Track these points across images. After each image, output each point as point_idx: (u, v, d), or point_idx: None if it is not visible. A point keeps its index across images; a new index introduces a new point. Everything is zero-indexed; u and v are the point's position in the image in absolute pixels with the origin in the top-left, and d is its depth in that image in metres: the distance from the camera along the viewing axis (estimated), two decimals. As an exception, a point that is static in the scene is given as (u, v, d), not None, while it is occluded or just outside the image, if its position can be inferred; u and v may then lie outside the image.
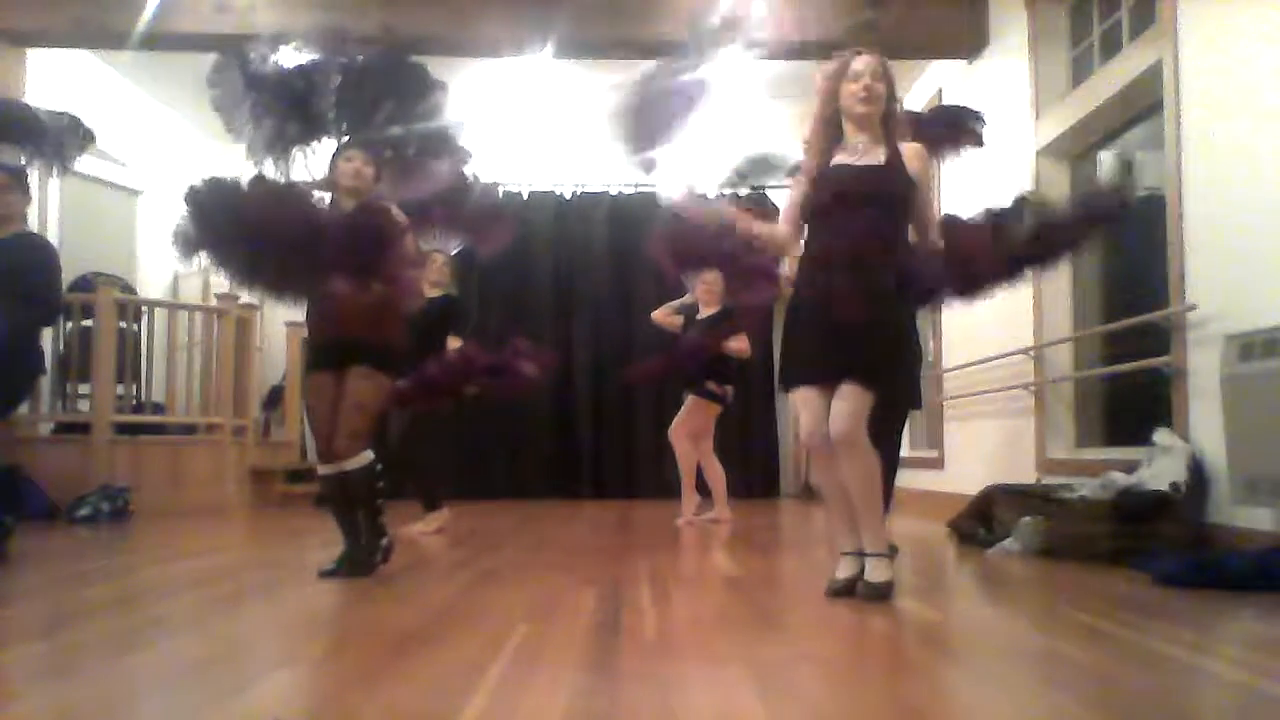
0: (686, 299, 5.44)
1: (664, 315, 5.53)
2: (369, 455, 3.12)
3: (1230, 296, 3.33)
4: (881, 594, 2.53)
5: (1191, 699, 1.69)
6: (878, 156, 2.64)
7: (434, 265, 4.72)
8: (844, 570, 2.65)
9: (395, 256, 2.94)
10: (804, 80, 2.97)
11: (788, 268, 3.76)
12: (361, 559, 3.10)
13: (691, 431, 5.33)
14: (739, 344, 5.15)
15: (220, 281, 7.50)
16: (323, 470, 3.13)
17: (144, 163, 7.23)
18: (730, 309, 5.11)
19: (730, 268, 3.28)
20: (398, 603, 2.62)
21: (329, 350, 3.11)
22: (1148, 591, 2.75)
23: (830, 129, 2.71)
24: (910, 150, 2.69)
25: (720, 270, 3.65)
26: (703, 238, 2.96)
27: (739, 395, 5.90)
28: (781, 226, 2.80)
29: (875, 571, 2.59)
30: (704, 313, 5.36)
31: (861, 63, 2.64)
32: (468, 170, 3.57)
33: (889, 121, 2.68)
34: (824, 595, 2.61)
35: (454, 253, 5.00)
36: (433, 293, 4.72)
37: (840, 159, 2.67)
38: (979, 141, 4.08)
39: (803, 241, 2.78)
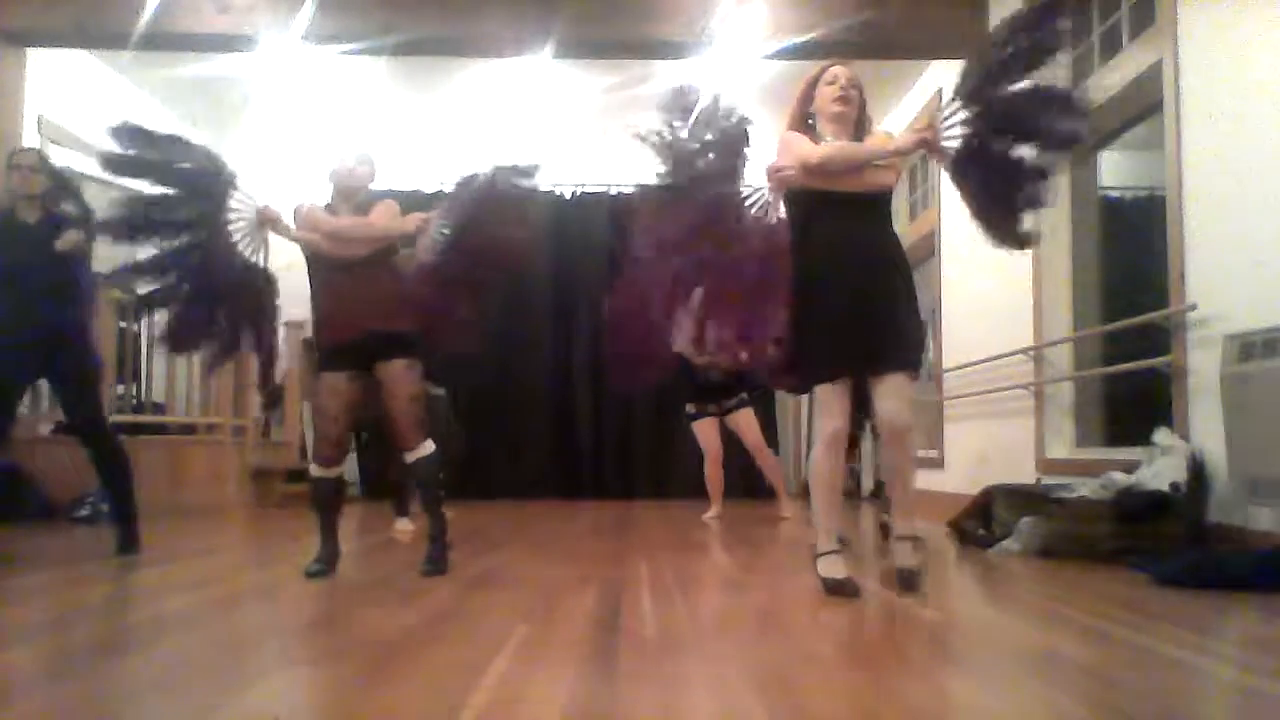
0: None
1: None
2: (432, 444, 3.17)
3: (1230, 296, 3.33)
4: (916, 581, 2.65)
5: (1191, 699, 1.69)
6: None
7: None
8: (839, 569, 2.67)
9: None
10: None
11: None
12: (432, 557, 3.16)
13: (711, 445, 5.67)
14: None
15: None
16: (318, 472, 3.14)
17: (144, 163, 7.22)
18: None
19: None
20: (397, 602, 2.62)
21: (352, 351, 3.10)
22: (1148, 591, 2.75)
23: (803, 129, 2.81)
24: (878, 136, 2.82)
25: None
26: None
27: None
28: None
29: (908, 557, 2.70)
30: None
31: (838, 69, 2.81)
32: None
33: (861, 129, 2.82)
34: (825, 596, 2.61)
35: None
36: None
37: None
38: None
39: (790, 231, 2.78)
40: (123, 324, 6.16)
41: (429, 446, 3.16)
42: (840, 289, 2.64)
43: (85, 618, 2.40)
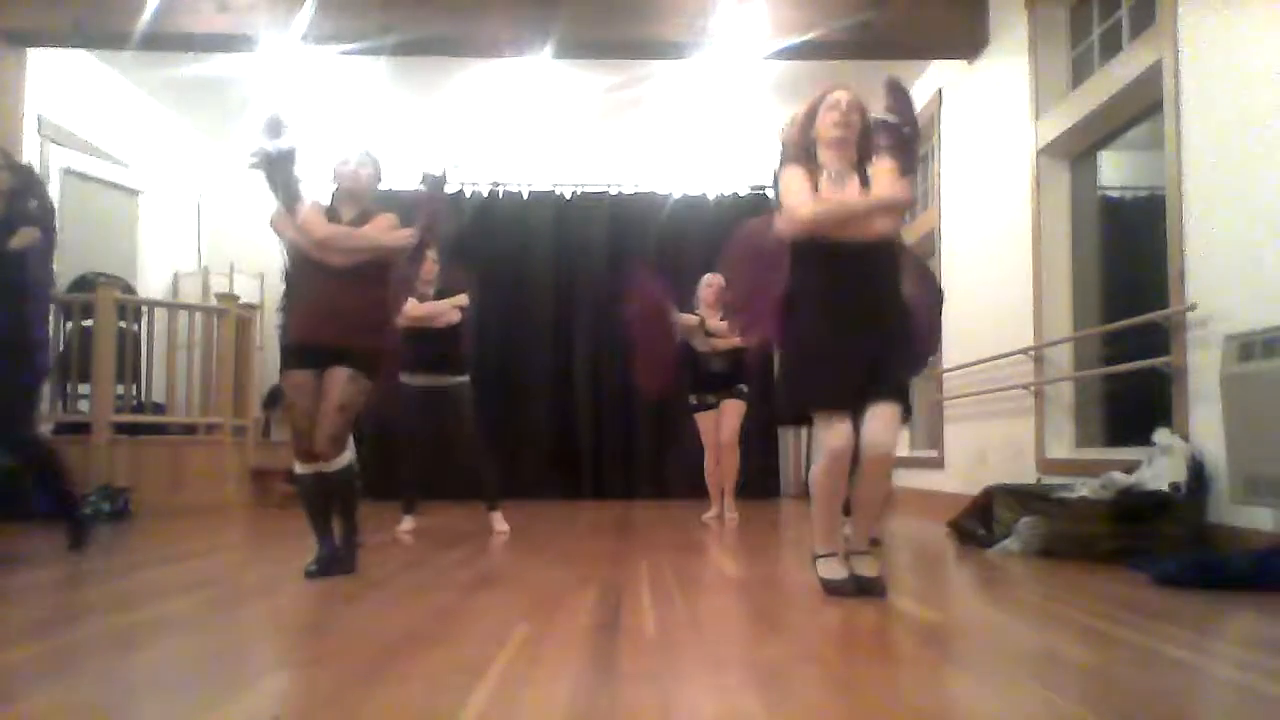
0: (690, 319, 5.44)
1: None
2: (350, 456, 3.15)
3: (1230, 296, 3.33)
4: (884, 589, 2.66)
5: (1191, 699, 1.69)
6: (853, 185, 2.72)
7: (427, 266, 4.69)
8: (838, 570, 2.68)
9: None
10: (803, 80, 2.98)
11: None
12: (343, 558, 3.14)
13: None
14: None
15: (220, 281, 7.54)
16: (300, 470, 3.15)
17: (144, 163, 7.23)
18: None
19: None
20: (398, 602, 2.62)
21: (312, 352, 3.10)
22: (1148, 591, 2.75)
23: (803, 156, 2.79)
24: (881, 169, 2.74)
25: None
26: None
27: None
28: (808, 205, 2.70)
29: (871, 568, 2.71)
30: (706, 315, 5.40)
31: (840, 94, 2.78)
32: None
33: (862, 155, 2.78)
34: (824, 596, 2.62)
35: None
36: (427, 292, 4.71)
37: (825, 191, 2.71)
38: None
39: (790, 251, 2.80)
40: (122, 324, 6.15)
41: (344, 460, 3.14)
42: (834, 338, 2.64)
43: (85, 618, 2.40)
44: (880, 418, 2.61)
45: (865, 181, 2.72)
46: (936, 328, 4.09)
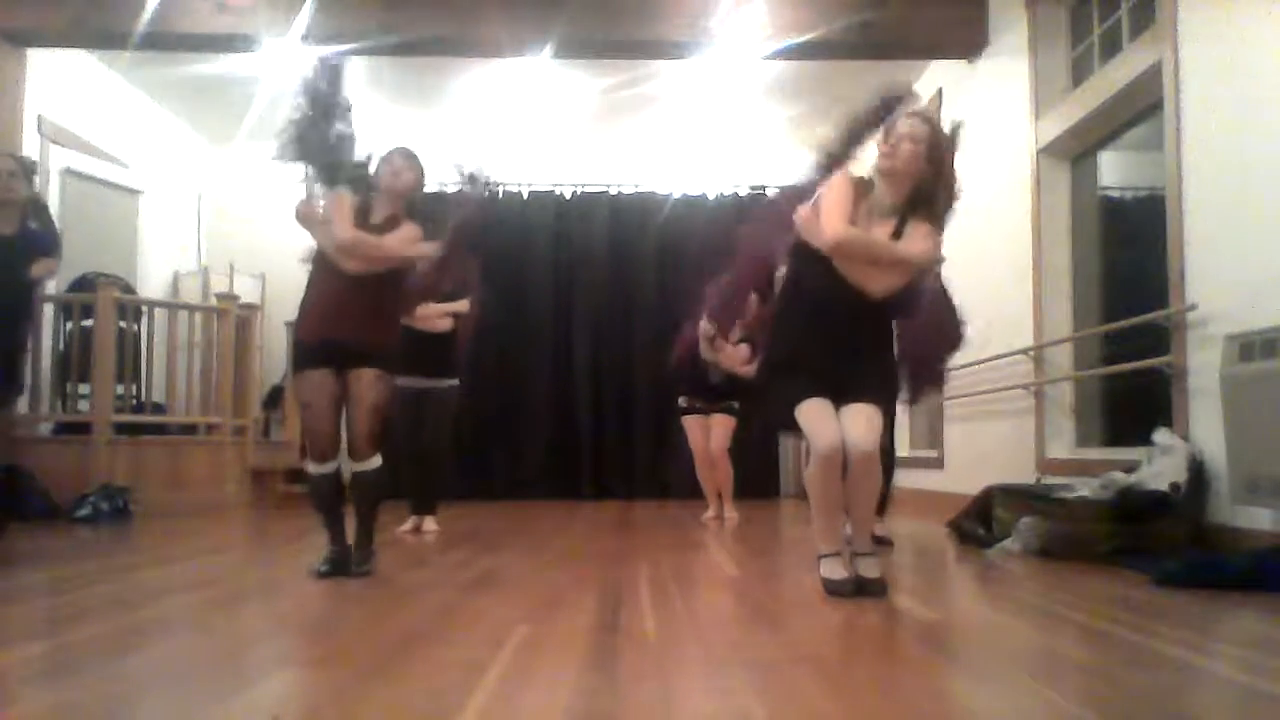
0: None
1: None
2: (380, 459, 3.15)
3: (1230, 296, 3.33)
4: (885, 589, 2.65)
5: (1191, 699, 1.69)
6: (885, 230, 2.66)
7: None
8: (839, 570, 2.68)
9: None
10: (803, 81, 2.97)
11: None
12: (360, 561, 3.12)
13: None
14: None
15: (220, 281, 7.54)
16: (315, 469, 3.13)
17: (144, 163, 7.23)
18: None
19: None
20: (397, 603, 2.62)
21: (328, 350, 3.09)
22: (1148, 591, 2.75)
23: (863, 181, 2.72)
24: (919, 232, 2.66)
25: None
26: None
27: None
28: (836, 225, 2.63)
29: (873, 569, 2.70)
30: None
31: (907, 124, 2.64)
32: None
33: (917, 196, 2.65)
34: (824, 596, 2.62)
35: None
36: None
37: (857, 223, 2.66)
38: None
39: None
40: (122, 324, 6.15)
41: (376, 461, 3.14)
42: (818, 347, 2.67)
43: (85, 618, 2.40)
44: (858, 418, 2.61)
45: (898, 234, 2.66)
46: (942, 353, 4.03)
